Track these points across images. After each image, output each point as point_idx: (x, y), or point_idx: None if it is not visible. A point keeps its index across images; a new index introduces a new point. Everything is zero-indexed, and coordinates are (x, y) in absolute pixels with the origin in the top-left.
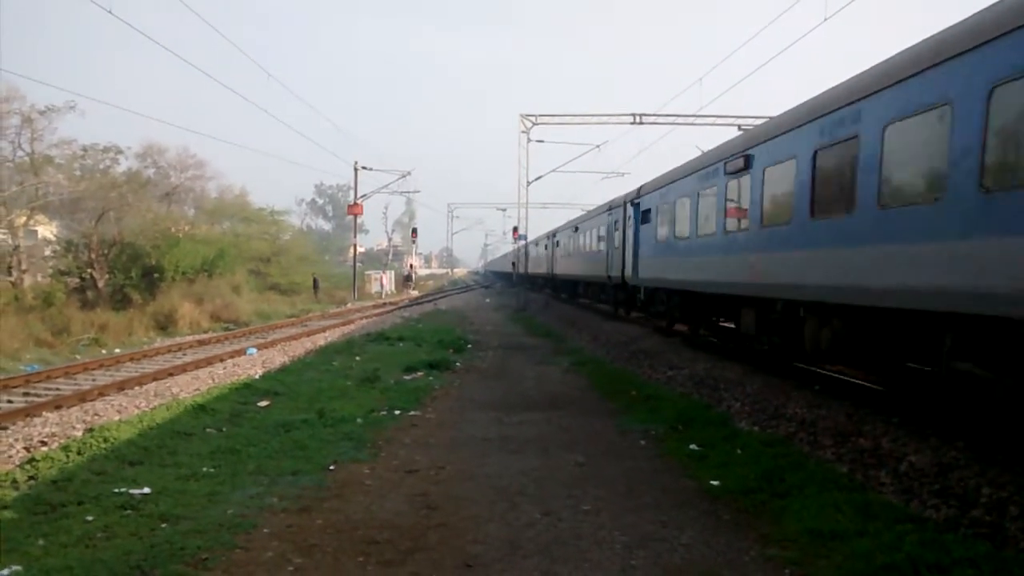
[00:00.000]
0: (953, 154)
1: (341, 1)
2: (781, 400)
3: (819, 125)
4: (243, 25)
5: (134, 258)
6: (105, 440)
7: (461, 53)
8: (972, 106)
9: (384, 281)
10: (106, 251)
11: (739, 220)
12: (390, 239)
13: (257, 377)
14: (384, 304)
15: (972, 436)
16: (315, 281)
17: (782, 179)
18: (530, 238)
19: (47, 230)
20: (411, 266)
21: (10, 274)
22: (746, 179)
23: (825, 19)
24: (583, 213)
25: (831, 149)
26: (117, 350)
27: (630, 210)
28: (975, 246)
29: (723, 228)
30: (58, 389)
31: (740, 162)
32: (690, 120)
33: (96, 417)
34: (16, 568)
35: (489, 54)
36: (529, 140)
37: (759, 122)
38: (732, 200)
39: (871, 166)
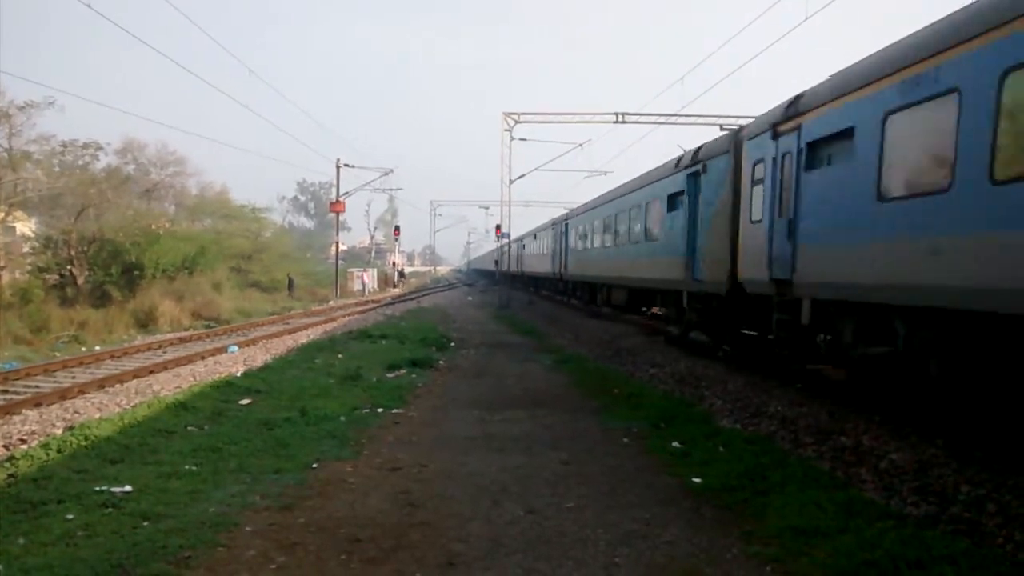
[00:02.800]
0: (662, 223)
1: (328, 1)
2: (763, 398)
3: (613, 205)
4: (226, 22)
5: (114, 255)
6: (85, 438)
7: (445, 52)
8: (663, 203)
9: (366, 279)
10: (85, 248)
11: (596, 242)
12: (372, 237)
13: (239, 375)
14: (366, 302)
15: (951, 434)
16: (290, 280)
17: (610, 223)
18: (513, 236)
19: (25, 226)
20: (394, 264)
21: None
22: (598, 218)
23: (806, 18)
24: (543, 223)
25: (615, 216)
26: (97, 347)
27: (562, 227)
28: (659, 260)
29: (592, 245)
30: (38, 387)
31: (592, 210)
32: (672, 119)
33: (76, 415)
34: None
35: (473, 53)
36: (512, 138)
37: (739, 121)
38: (596, 229)
39: (625, 224)
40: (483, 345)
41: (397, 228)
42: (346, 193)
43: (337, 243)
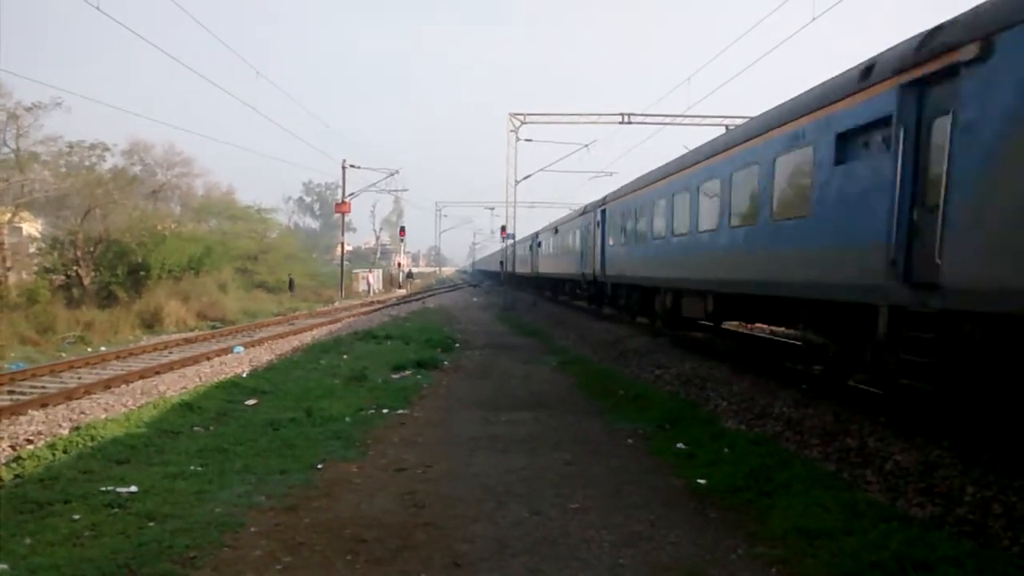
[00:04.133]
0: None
1: (334, 2)
2: (768, 399)
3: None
4: (234, 23)
5: (120, 256)
6: (92, 438)
7: (449, 53)
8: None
9: (371, 280)
10: (92, 248)
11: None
12: (378, 237)
13: (244, 375)
14: (371, 303)
15: (957, 436)
16: (291, 280)
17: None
18: (519, 237)
19: (32, 227)
20: (399, 264)
21: None
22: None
23: (813, 19)
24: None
25: (551, 238)
26: (103, 348)
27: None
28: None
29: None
30: (44, 387)
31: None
32: (678, 120)
33: (82, 415)
34: (2, 567)
35: (478, 52)
36: (518, 139)
37: (742, 121)
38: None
39: (560, 246)
40: (488, 346)
41: (402, 229)
42: (352, 194)
43: (343, 244)
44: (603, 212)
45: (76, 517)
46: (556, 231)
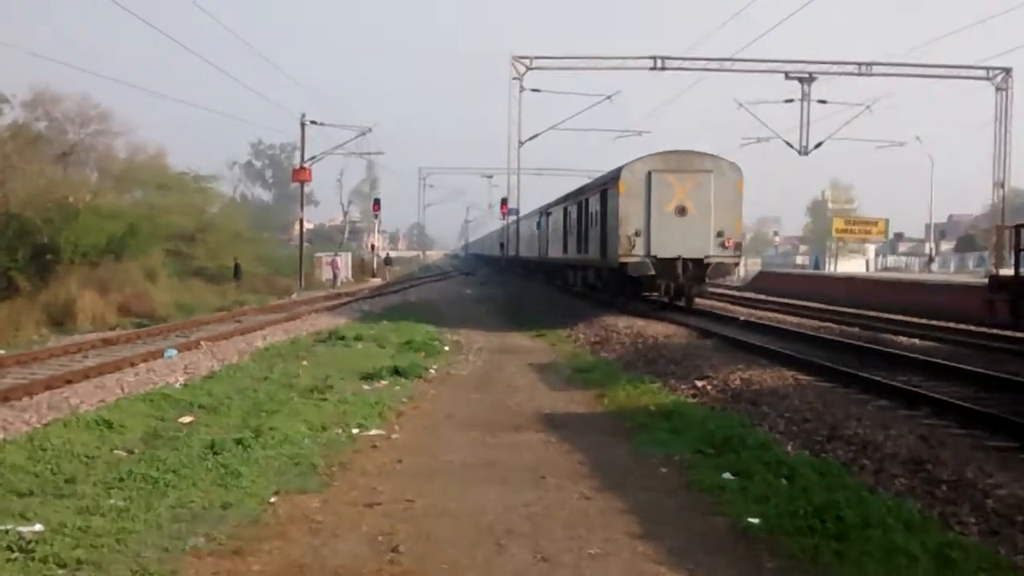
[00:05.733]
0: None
1: None
2: (839, 417)
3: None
4: None
5: (21, 234)
6: None
7: None
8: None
9: (338, 265)
10: None
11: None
12: (346, 213)
13: (178, 386)
14: (338, 295)
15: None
16: (236, 266)
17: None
18: (523, 212)
19: None
20: (372, 247)
21: None
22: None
23: None
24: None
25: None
26: (1, 351)
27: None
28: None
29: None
30: None
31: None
32: (725, 65)
33: None
34: None
35: None
36: (522, 89)
37: (811, 67)
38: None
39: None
40: (484, 350)
41: (377, 202)
42: (312, 158)
43: (302, 221)
44: None
45: None
46: None
